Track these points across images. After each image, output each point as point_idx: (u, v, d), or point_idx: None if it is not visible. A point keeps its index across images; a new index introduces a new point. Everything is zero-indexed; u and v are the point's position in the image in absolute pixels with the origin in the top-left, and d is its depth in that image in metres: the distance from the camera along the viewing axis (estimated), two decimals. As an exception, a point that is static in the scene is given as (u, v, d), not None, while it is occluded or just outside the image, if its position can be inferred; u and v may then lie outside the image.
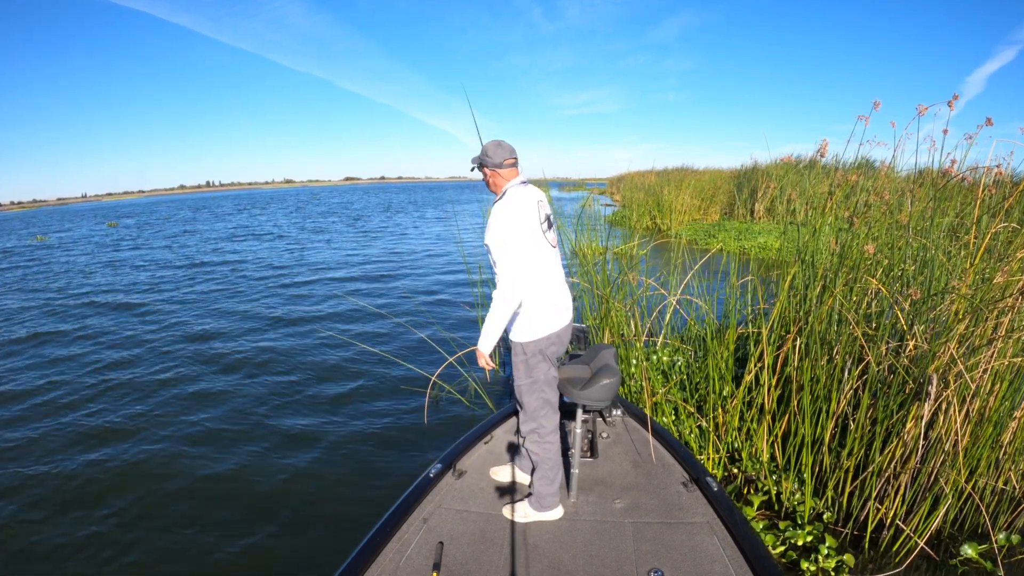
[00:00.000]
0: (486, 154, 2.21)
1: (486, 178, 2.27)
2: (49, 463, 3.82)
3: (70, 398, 4.95)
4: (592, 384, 2.23)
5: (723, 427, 3.22)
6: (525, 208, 2.13)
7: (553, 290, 2.20)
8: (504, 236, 2.07)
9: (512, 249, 2.07)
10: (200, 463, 3.80)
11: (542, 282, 2.16)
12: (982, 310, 2.48)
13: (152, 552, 2.93)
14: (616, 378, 2.23)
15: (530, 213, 2.13)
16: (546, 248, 2.19)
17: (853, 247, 2.99)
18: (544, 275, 2.17)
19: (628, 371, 3.77)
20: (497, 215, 2.11)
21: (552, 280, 2.21)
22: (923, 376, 2.48)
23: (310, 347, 6.23)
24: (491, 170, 2.21)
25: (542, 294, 2.16)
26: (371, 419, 4.38)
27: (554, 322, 2.20)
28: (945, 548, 2.65)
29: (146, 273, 11.95)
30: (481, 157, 2.23)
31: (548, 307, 2.18)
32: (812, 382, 2.84)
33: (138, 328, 7.31)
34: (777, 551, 2.65)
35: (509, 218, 2.08)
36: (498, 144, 2.21)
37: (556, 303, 2.21)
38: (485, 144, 2.25)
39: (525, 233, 2.10)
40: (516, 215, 2.09)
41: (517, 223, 2.08)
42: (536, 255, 2.13)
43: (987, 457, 2.54)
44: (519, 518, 2.29)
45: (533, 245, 2.12)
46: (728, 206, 16.54)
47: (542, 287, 2.16)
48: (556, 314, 2.21)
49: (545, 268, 2.17)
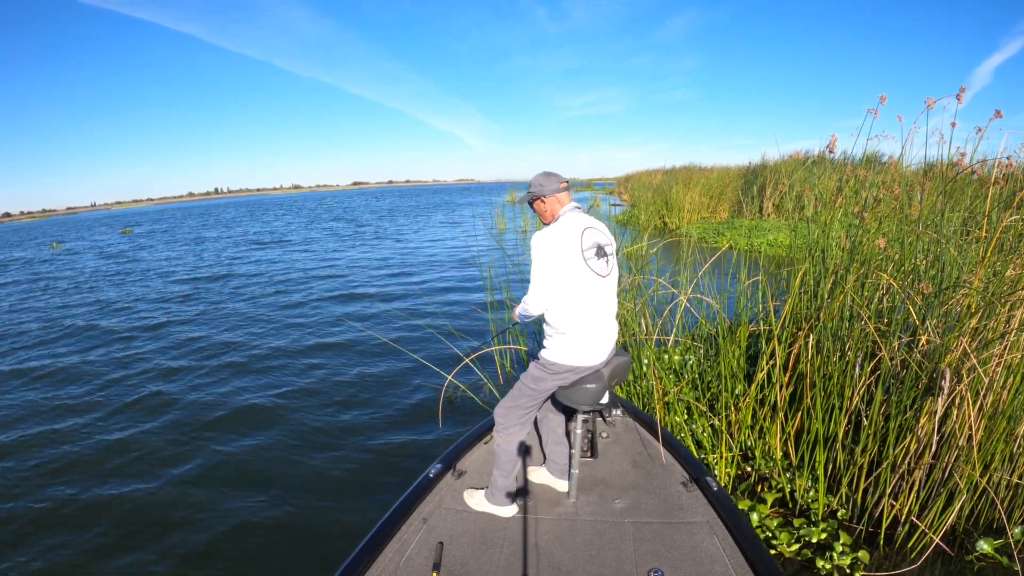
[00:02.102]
0: (540, 186, 2.23)
1: (540, 209, 2.28)
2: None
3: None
4: (573, 385, 2.21)
5: (735, 425, 3.22)
6: (568, 234, 2.10)
7: (591, 320, 2.14)
8: (537, 256, 2.08)
9: (541, 270, 2.08)
10: (206, 458, 3.89)
11: (579, 311, 2.10)
12: (994, 304, 2.47)
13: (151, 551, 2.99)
14: (599, 384, 2.20)
15: (572, 240, 2.09)
16: (589, 277, 2.10)
17: (864, 242, 2.99)
18: (583, 304, 2.10)
19: (640, 371, 3.78)
20: (538, 238, 2.11)
21: (593, 310, 2.13)
22: (936, 371, 2.48)
23: (326, 348, 6.32)
24: (548, 198, 2.22)
25: (578, 322, 2.11)
26: (385, 417, 4.44)
27: (587, 355, 2.16)
28: (960, 544, 2.64)
29: (164, 278, 12.14)
30: (534, 192, 2.25)
31: (582, 336, 2.14)
32: (824, 379, 2.85)
33: (150, 325, 7.44)
34: (792, 548, 2.66)
35: (547, 242, 2.08)
36: (547, 175, 2.24)
37: (591, 334, 2.15)
38: (534, 178, 2.28)
39: (561, 259, 2.06)
40: (555, 240, 2.08)
41: (554, 248, 2.07)
42: (574, 283, 2.08)
43: (1001, 451, 2.52)
44: (471, 502, 2.35)
45: (571, 272, 2.07)
46: (736, 204, 16.45)
47: (579, 316, 2.11)
48: (590, 347, 2.16)
49: (585, 297, 2.10)
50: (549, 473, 2.51)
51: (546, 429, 2.53)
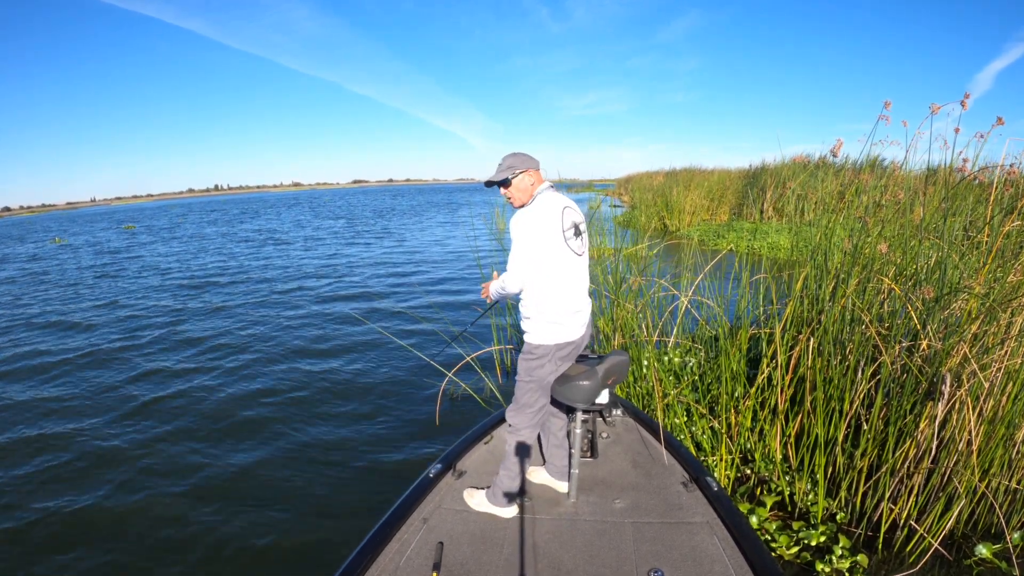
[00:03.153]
0: (523, 161, 2.20)
1: (514, 190, 2.22)
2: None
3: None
4: (568, 382, 2.21)
5: (735, 428, 3.22)
6: (549, 213, 2.12)
7: (572, 298, 2.19)
8: (519, 234, 2.09)
9: (523, 249, 2.09)
10: (207, 455, 3.89)
11: (561, 289, 2.15)
12: (995, 309, 2.48)
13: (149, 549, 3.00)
14: (593, 381, 2.19)
15: (553, 219, 2.11)
16: (568, 256, 2.15)
17: (865, 246, 2.99)
18: (563, 282, 2.15)
19: (640, 372, 3.78)
20: (520, 216, 2.12)
21: (572, 288, 2.19)
22: (936, 376, 2.48)
23: (326, 347, 6.33)
24: (522, 174, 2.19)
25: (560, 301, 2.15)
26: (385, 417, 4.45)
27: (569, 331, 2.21)
28: (959, 548, 2.65)
29: (163, 276, 12.15)
30: (515, 165, 2.20)
31: (564, 315, 2.18)
32: (825, 382, 2.85)
33: (153, 316, 7.43)
34: (791, 551, 2.66)
35: (530, 221, 2.09)
36: (515, 153, 2.23)
37: (574, 312, 2.21)
38: (509, 157, 2.23)
39: (543, 238, 2.09)
40: (538, 219, 2.10)
41: (537, 227, 2.09)
42: (555, 261, 2.12)
43: (1000, 456, 2.53)
44: (471, 502, 2.34)
45: (552, 251, 2.11)
46: (737, 206, 16.45)
47: (560, 294, 2.15)
48: (572, 324, 2.21)
49: (565, 275, 2.16)
50: (548, 475, 2.52)
51: (546, 432, 2.53)
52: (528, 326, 2.23)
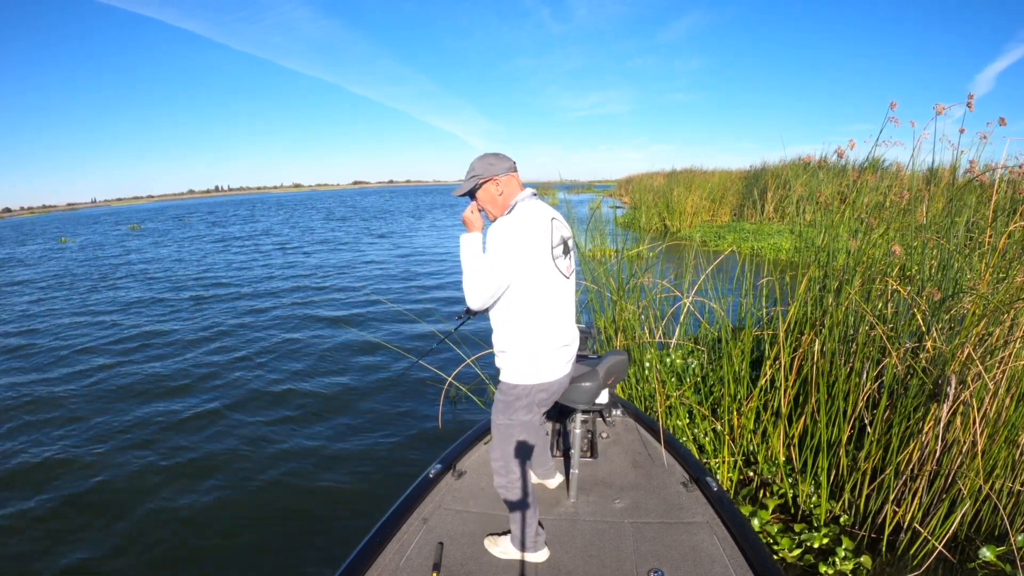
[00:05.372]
0: (490, 165, 1.84)
1: (491, 197, 1.87)
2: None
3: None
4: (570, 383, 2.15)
5: (738, 430, 3.21)
6: (536, 225, 1.76)
7: (559, 330, 1.85)
8: (500, 248, 1.69)
9: (500, 266, 1.70)
10: (209, 455, 3.90)
11: (546, 318, 1.80)
12: (1000, 311, 2.47)
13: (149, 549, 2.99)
14: (594, 383, 2.16)
15: (541, 232, 1.76)
16: (555, 278, 1.80)
17: (869, 247, 2.98)
18: (550, 310, 1.81)
19: (642, 374, 3.77)
20: (500, 224, 1.74)
21: (560, 317, 1.85)
22: (941, 377, 2.47)
23: (327, 348, 6.32)
24: (503, 178, 1.84)
25: (545, 333, 1.81)
26: (385, 417, 4.44)
27: (552, 370, 1.86)
28: (963, 551, 2.63)
29: (184, 270, 12.16)
30: (484, 173, 1.84)
31: (548, 350, 1.83)
32: (829, 384, 2.84)
33: (151, 318, 7.45)
34: (794, 554, 2.65)
35: (512, 230, 1.71)
36: (494, 155, 1.87)
37: (560, 347, 1.87)
38: (476, 161, 1.87)
39: (529, 257, 1.73)
40: (522, 231, 1.73)
41: (523, 243, 1.72)
42: (541, 283, 1.76)
43: (1005, 458, 2.52)
44: (499, 553, 2.02)
45: (538, 271, 1.75)
46: (738, 207, 16.43)
47: (546, 324, 1.80)
48: (556, 360, 1.87)
49: (551, 301, 1.81)
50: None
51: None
52: (503, 361, 1.87)
